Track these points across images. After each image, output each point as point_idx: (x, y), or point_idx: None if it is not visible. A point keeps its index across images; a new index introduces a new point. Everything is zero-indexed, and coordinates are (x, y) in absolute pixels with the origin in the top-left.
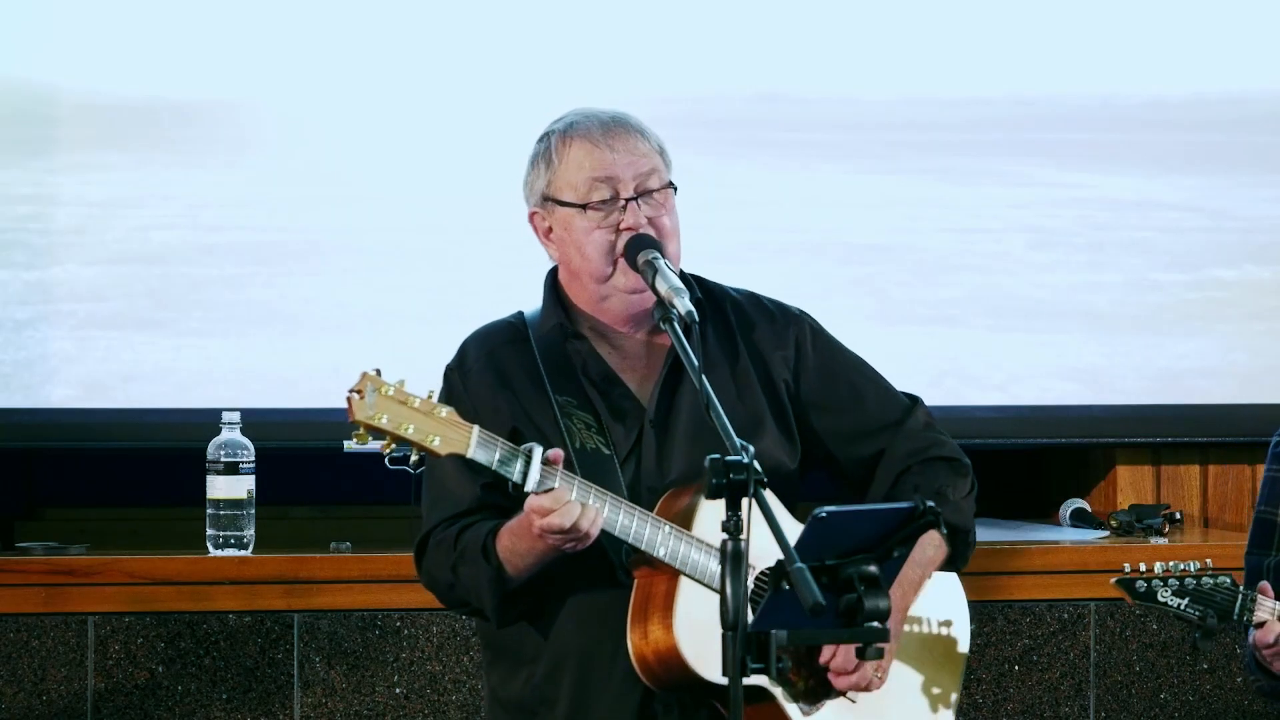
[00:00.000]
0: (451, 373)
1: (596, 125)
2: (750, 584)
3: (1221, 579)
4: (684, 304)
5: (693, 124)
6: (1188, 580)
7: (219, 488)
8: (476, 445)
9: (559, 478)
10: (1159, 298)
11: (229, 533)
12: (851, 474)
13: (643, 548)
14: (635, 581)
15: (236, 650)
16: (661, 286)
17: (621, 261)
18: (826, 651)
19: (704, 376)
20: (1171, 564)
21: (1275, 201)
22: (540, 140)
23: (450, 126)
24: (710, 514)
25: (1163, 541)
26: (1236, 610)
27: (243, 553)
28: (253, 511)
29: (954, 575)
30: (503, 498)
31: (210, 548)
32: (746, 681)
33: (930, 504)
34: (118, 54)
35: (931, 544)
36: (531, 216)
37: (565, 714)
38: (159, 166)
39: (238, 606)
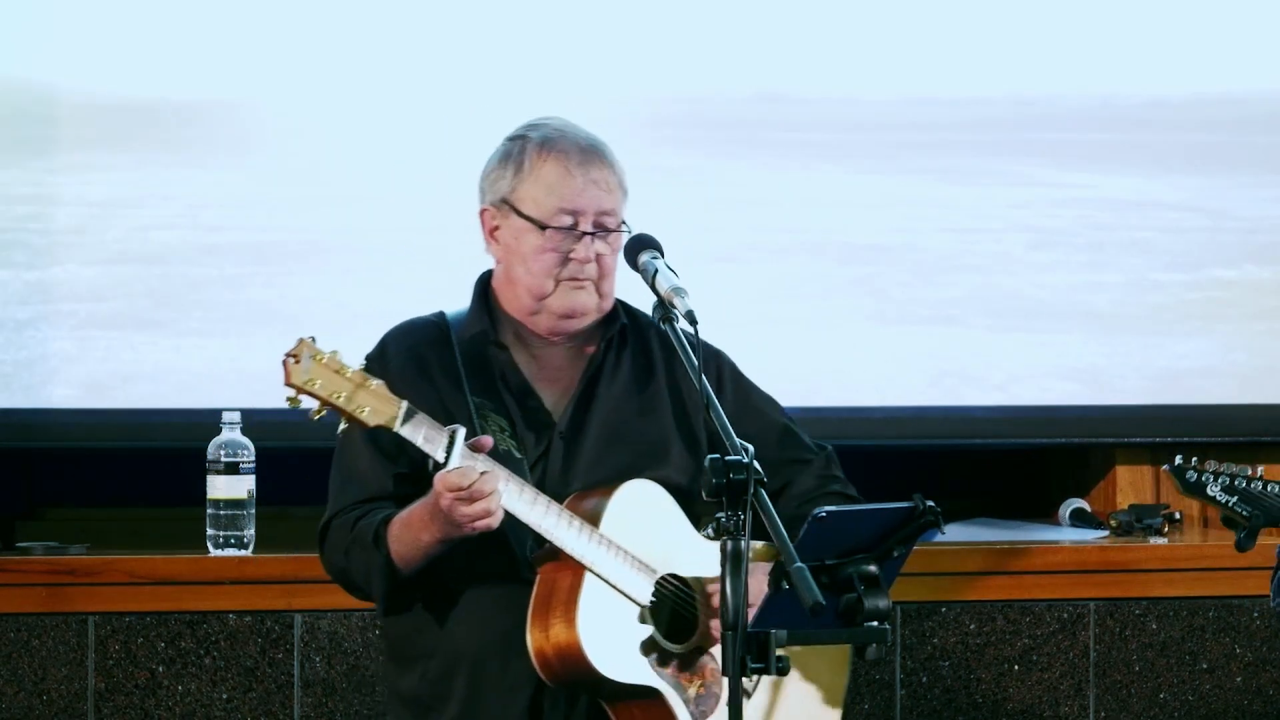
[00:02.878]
0: (372, 362)
1: (575, 149)
2: (647, 585)
3: (1272, 485)
4: (685, 304)
5: (693, 124)
6: (1238, 480)
7: (219, 488)
8: (404, 419)
9: (480, 462)
10: (1159, 298)
11: (229, 533)
12: None
13: (552, 540)
14: (538, 577)
15: (237, 650)
16: (662, 286)
17: (564, 285)
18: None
19: (651, 393)
20: (1225, 465)
21: (1275, 201)
22: (513, 140)
23: (450, 126)
24: (616, 517)
25: (1162, 541)
26: None
27: (243, 553)
28: (253, 511)
29: None
30: (413, 488)
31: (210, 548)
32: (639, 680)
33: (930, 503)
34: (118, 54)
35: None
36: (482, 212)
37: (458, 712)
38: (159, 166)
39: (238, 606)
